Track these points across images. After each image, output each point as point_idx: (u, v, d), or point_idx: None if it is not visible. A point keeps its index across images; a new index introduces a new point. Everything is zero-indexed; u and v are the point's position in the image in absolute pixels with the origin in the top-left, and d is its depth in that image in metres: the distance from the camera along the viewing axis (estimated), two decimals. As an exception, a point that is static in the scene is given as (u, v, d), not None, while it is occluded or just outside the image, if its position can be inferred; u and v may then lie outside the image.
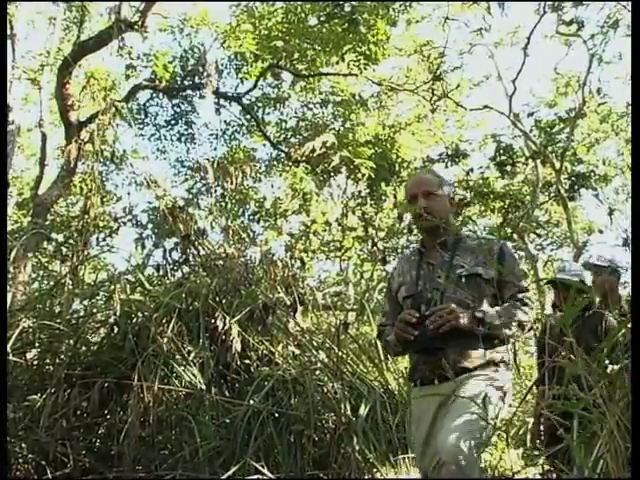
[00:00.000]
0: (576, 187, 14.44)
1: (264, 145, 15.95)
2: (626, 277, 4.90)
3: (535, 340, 4.72)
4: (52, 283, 5.60)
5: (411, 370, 3.18)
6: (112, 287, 4.93)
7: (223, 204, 7.58)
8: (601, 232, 17.97)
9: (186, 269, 5.76)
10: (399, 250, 14.94)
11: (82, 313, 4.94)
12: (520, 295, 3.07)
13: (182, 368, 4.49)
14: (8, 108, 14.08)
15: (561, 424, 2.57)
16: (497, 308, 2.99)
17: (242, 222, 12.92)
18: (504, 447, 4.32)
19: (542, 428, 4.17)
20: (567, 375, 2.01)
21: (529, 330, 3.09)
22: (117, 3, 11.31)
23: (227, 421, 4.34)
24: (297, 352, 5.09)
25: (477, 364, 2.96)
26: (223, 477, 3.88)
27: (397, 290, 3.26)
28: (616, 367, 1.98)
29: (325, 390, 4.70)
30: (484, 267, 3.06)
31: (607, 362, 2.07)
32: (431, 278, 3.11)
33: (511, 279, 3.08)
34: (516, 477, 4.17)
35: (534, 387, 4.30)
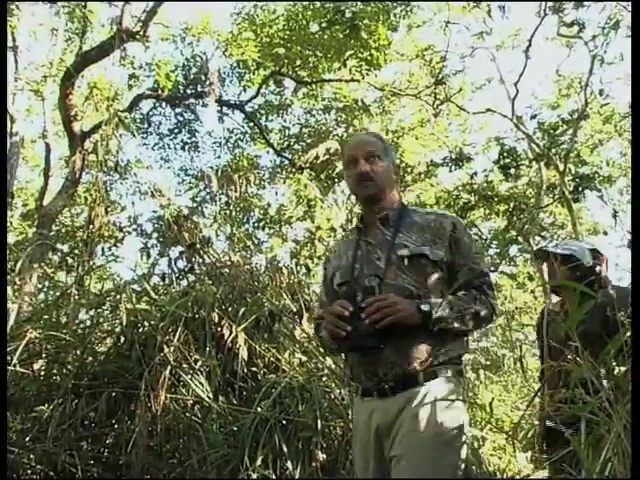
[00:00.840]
0: (580, 189, 14.41)
1: (267, 152, 16.00)
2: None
3: (535, 332, 4.32)
4: (58, 293, 5.61)
5: (349, 371, 2.71)
6: (118, 297, 4.94)
7: (227, 212, 7.58)
8: (605, 234, 17.96)
9: (192, 278, 5.76)
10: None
11: (88, 323, 4.94)
12: (477, 281, 2.58)
13: (189, 377, 4.49)
14: (12, 119, 14.15)
15: (565, 427, 2.56)
16: (449, 298, 2.50)
17: (247, 230, 12.95)
18: (513, 451, 4.32)
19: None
20: (574, 379, 2.01)
21: (488, 323, 2.64)
22: (118, 13, 11.35)
23: (235, 429, 4.34)
24: (304, 359, 5.08)
25: (422, 367, 2.48)
26: (232, 485, 3.89)
27: (332, 276, 2.79)
28: (622, 369, 1.97)
29: (332, 396, 4.70)
30: (432, 247, 2.57)
31: (614, 364, 2.07)
32: (369, 260, 2.62)
33: (466, 262, 2.59)
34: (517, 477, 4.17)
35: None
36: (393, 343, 2.47)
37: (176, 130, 14.87)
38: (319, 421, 4.27)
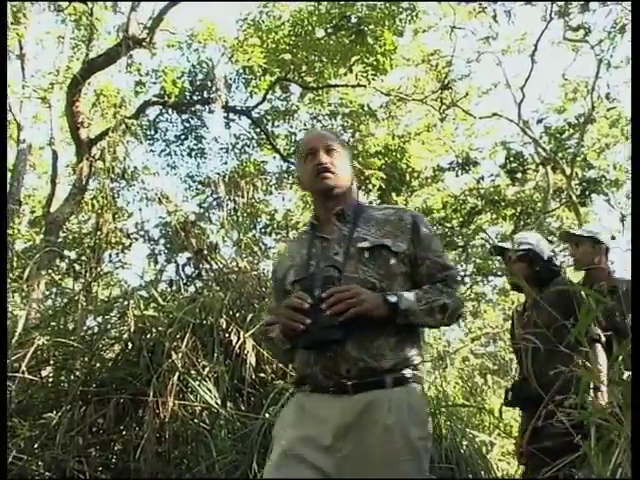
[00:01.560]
0: (587, 193, 14.41)
1: (274, 158, 16.01)
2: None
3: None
4: (66, 300, 5.62)
5: (299, 373, 2.45)
6: (125, 303, 4.94)
7: (234, 218, 7.59)
8: (613, 238, 17.87)
9: (199, 284, 5.76)
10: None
11: (96, 330, 4.95)
12: (441, 275, 2.44)
13: (197, 383, 4.49)
14: (19, 127, 14.20)
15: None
16: (415, 290, 2.36)
17: (254, 235, 12.93)
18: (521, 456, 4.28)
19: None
20: (583, 384, 2.00)
21: (457, 318, 2.48)
22: (125, 21, 11.40)
23: (243, 435, 4.34)
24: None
25: (388, 366, 2.28)
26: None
27: (284, 276, 2.53)
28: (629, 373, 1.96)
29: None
30: (393, 239, 2.41)
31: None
32: (326, 256, 2.41)
33: (428, 255, 2.45)
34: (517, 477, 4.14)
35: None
36: (356, 337, 2.26)
37: (183, 136, 14.89)
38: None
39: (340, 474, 2.19)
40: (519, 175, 15.06)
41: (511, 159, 14.94)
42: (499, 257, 4.18)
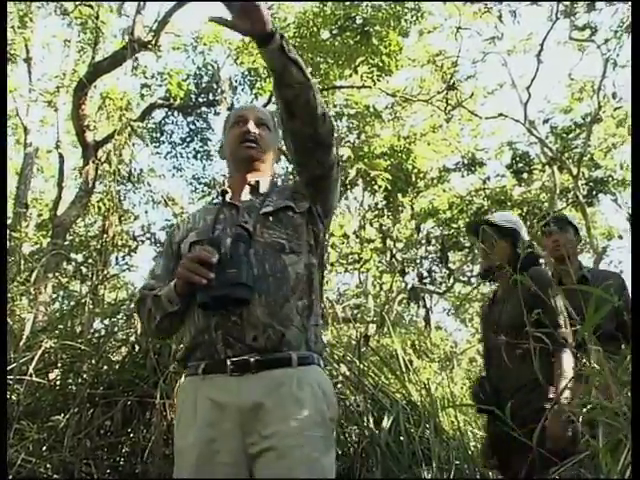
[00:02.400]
0: (594, 192, 14.38)
1: (280, 159, 16.01)
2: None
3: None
4: (73, 303, 5.63)
5: (191, 342, 2.14)
6: (132, 306, 4.95)
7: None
8: (621, 238, 17.87)
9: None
10: (417, 261, 14.91)
11: (103, 332, 4.95)
12: None
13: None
14: (26, 130, 14.25)
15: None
16: None
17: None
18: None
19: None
20: (591, 382, 1.99)
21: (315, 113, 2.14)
22: (130, 24, 11.42)
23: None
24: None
25: (294, 335, 2.10)
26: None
27: (182, 239, 2.32)
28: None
29: (347, 403, 4.68)
30: (295, 200, 2.34)
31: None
32: (233, 223, 2.24)
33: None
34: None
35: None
36: (265, 299, 2.08)
37: (188, 139, 14.93)
38: (335, 428, 4.26)
39: (261, 464, 1.98)
40: (525, 175, 15.05)
41: (517, 159, 14.92)
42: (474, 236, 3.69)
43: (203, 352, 2.11)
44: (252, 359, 2.03)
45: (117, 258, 9.69)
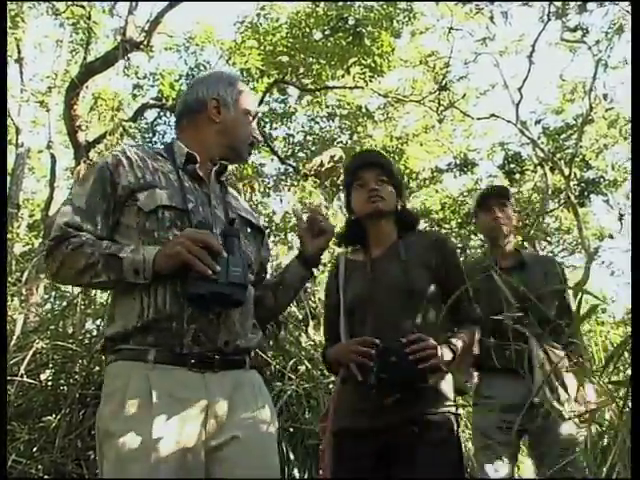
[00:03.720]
0: (586, 193, 14.42)
1: (272, 160, 16.00)
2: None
3: None
4: (64, 304, 5.62)
5: (141, 326, 1.94)
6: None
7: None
8: (611, 237, 17.92)
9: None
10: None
11: (95, 333, 4.95)
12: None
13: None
14: (18, 131, 14.21)
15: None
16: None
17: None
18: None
19: None
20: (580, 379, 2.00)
21: None
22: (122, 24, 11.41)
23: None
24: (310, 366, 5.08)
25: (250, 345, 2.09)
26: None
27: (137, 187, 2.02)
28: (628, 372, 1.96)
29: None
30: (256, 218, 2.32)
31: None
32: (203, 202, 2.10)
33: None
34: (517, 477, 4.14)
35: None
36: (241, 310, 2.04)
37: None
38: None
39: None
40: (517, 176, 15.07)
41: (509, 160, 14.95)
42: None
43: (159, 339, 1.93)
44: (217, 357, 1.96)
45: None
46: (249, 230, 2.21)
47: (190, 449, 1.85)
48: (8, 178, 13.84)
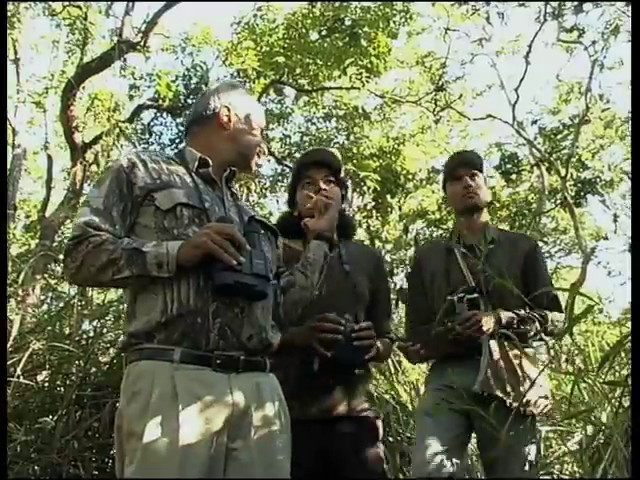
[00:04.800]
0: (582, 193, 14.44)
1: (269, 161, 16.00)
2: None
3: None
4: (61, 304, 5.61)
5: (165, 322, 1.94)
6: (121, 307, 4.94)
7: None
8: (606, 238, 17.93)
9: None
10: (406, 262, 14.92)
11: (92, 334, 4.94)
12: None
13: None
14: (14, 132, 14.19)
15: None
16: None
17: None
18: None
19: None
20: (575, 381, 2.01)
21: None
22: (119, 25, 11.40)
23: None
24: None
25: (273, 347, 2.13)
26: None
27: (154, 187, 2.06)
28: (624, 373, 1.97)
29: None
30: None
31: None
32: (219, 203, 2.14)
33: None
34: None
35: None
36: (262, 305, 2.05)
37: (177, 140, 14.87)
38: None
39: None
40: (514, 176, 15.10)
41: (506, 160, 14.98)
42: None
43: (185, 336, 1.93)
44: (242, 357, 1.97)
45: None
46: (263, 231, 2.21)
47: (215, 450, 1.85)
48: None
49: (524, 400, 2.66)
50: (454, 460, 2.75)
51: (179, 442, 1.80)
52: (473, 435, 2.98)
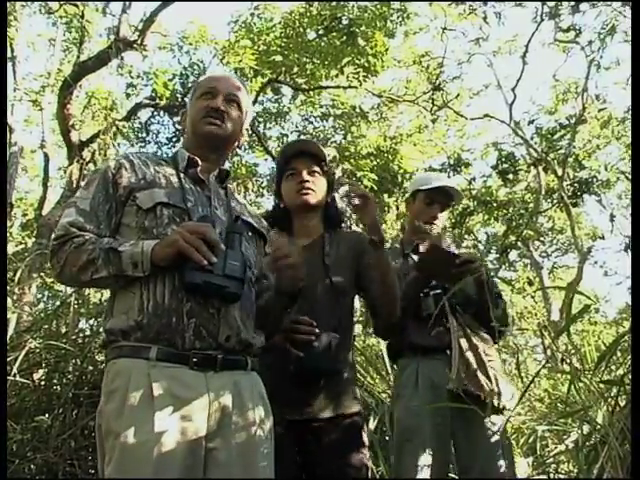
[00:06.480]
0: (579, 193, 14.43)
1: (266, 160, 16.02)
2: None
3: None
4: (57, 303, 5.61)
5: (141, 321, 1.93)
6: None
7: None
8: (602, 238, 17.96)
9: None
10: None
11: (88, 332, 4.94)
12: None
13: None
14: (11, 130, 14.17)
15: None
16: None
17: (246, 237, 12.91)
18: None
19: None
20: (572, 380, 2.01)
21: None
22: (116, 23, 11.39)
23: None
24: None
25: (254, 343, 2.09)
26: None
27: (137, 187, 2.07)
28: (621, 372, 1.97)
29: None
30: (258, 222, 2.33)
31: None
32: (203, 202, 2.13)
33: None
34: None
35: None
36: (240, 303, 2.02)
37: (174, 139, 14.87)
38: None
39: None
40: (511, 176, 15.08)
41: (503, 160, 14.96)
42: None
43: (160, 335, 1.92)
44: (219, 356, 1.95)
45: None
46: (250, 233, 2.21)
47: (192, 448, 1.83)
48: (1, 177, 13.80)
49: (498, 393, 2.70)
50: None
51: (155, 441, 1.79)
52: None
